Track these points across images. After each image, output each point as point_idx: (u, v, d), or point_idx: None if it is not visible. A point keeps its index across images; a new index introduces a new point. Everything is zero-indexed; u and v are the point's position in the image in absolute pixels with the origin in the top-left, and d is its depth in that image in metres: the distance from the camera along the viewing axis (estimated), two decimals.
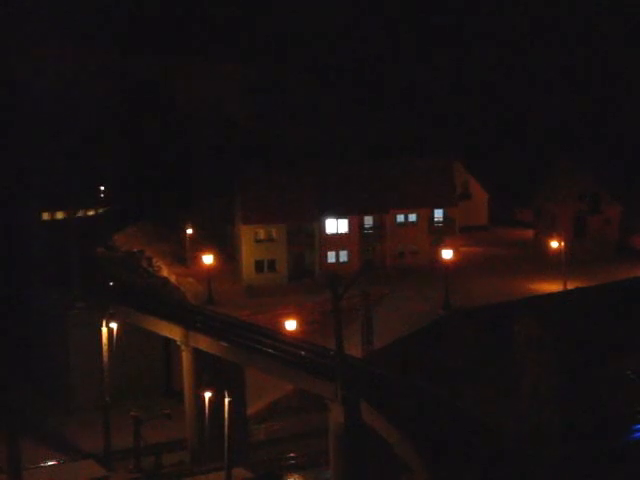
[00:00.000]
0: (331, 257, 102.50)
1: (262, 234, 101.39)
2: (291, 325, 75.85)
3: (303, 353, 69.25)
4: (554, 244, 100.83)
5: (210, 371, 74.79)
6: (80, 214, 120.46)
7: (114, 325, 77.88)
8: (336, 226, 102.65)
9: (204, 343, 74.69)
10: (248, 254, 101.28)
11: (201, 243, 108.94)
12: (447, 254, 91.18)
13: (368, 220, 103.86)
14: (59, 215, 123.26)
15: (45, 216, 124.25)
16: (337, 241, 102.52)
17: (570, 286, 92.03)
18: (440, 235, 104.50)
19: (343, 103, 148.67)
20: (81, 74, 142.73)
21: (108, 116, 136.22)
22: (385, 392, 61.60)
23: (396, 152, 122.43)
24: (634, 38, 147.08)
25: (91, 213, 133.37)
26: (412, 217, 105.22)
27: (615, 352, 73.76)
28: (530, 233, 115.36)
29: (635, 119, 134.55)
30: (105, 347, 75.94)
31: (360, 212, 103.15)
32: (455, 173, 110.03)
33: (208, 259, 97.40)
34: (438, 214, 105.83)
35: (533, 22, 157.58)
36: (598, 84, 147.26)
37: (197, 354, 75.50)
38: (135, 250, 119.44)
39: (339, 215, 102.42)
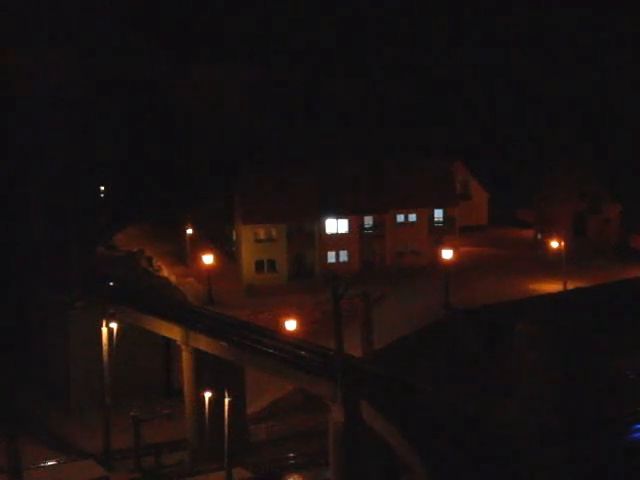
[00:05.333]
0: (331, 257, 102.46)
1: (262, 234, 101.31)
2: (291, 325, 75.84)
3: (303, 353, 69.26)
4: (554, 244, 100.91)
5: (210, 371, 74.80)
6: (80, 214, 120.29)
7: (114, 325, 77.95)
8: (336, 226, 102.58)
9: (204, 343, 74.69)
10: (248, 254, 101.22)
11: (201, 243, 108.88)
12: (447, 254, 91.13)
13: (368, 220, 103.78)
14: (60, 215, 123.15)
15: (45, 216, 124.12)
16: (337, 241, 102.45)
17: (570, 286, 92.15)
18: (440, 235, 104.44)
19: (343, 103, 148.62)
20: (81, 74, 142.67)
21: (108, 116, 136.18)
22: (385, 392, 61.58)
23: (396, 152, 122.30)
24: (634, 37, 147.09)
25: (91, 213, 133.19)
26: (412, 217, 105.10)
27: (615, 352, 73.94)
28: (530, 233, 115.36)
29: (635, 119, 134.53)
30: (105, 347, 76.05)
31: (360, 212, 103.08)
32: (455, 173, 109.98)
33: (208, 259, 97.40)
34: (438, 214, 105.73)
35: (533, 21, 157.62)
36: (598, 84, 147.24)
37: (197, 354, 75.51)
38: (135, 250, 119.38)
39: (339, 215, 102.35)
